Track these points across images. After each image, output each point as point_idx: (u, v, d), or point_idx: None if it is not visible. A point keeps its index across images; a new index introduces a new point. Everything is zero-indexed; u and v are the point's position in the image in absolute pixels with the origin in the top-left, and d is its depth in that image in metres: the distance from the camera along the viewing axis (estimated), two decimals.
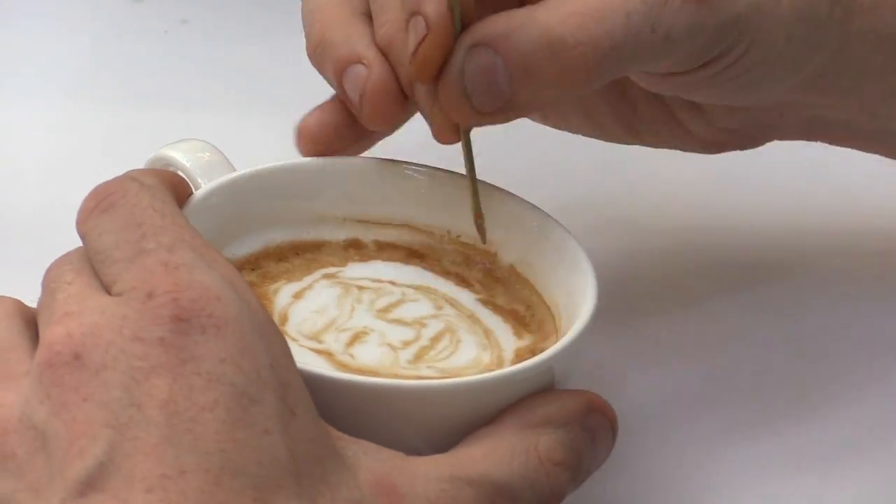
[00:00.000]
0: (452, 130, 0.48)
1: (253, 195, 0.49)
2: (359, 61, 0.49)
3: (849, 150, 0.57)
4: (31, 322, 0.45)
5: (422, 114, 0.48)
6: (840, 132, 0.56)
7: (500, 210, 0.49)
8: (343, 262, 0.49)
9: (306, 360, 0.44)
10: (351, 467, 0.42)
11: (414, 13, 0.47)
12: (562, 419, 0.45)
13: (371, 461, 0.42)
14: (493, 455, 0.44)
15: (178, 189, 0.48)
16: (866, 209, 0.62)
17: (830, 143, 0.56)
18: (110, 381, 0.41)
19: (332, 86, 0.49)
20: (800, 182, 0.64)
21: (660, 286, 0.56)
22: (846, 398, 0.52)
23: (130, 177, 0.46)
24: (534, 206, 0.49)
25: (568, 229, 0.49)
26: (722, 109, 0.54)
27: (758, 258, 0.59)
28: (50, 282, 0.44)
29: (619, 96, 0.54)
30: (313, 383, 0.42)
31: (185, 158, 0.49)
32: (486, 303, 0.48)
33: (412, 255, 0.50)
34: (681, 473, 0.48)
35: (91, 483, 0.40)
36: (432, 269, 0.49)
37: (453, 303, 0.48)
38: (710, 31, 0.48)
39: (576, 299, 0.45)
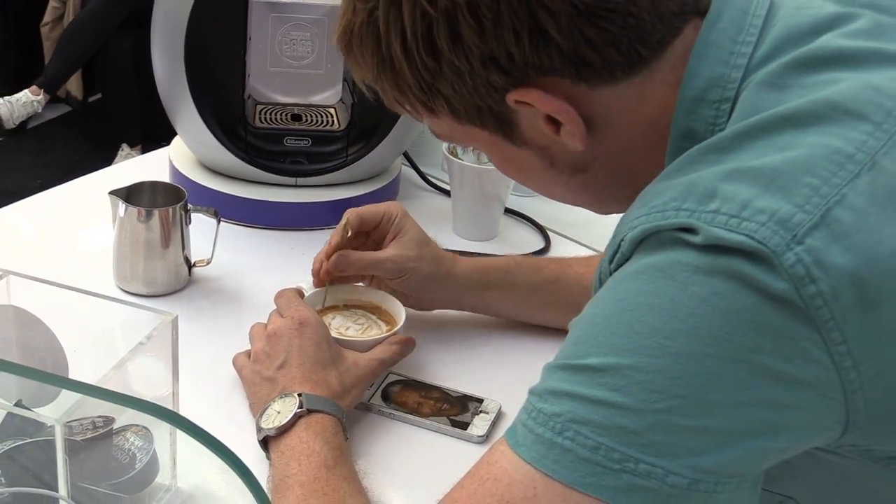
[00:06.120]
0: (330, 279, 1.27)
1: (317, 296, 1.30)
2: (317, 272, 1.28)
3: None
4: (264, 326, 1.21)
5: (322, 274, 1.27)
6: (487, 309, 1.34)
7: (378, 294, 1.30)
8: (341, 311, 1.30)
9: (333, 335, 1.21)
10: (345, 358, 1.18)
11: (331, 245, 1.26)
12: (400, 342, 1.22)
13: (349, 355, 1.18)
14: (382, 353, 1.20)
15: (299, 295, 1.28)
16: None
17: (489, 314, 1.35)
18: (283, 341, 1.16)
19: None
20: None
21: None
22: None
23: (287, 289, 1.26)
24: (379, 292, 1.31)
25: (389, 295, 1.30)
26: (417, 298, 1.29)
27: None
28: (270, 317, 1.22)
29: (412, 295, 1.29)
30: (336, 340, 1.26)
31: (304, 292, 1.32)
32: (378, 318, 1.29)
33: (359, 307, 1.31)
34: (434, 360, 1.32)
35: (280, 367, 1.14)
36: (364, 310, 1.30)
37: (370, 318, 1.29)
38: (398, 268, 1.26)
39: (399, 316, 1.28)
